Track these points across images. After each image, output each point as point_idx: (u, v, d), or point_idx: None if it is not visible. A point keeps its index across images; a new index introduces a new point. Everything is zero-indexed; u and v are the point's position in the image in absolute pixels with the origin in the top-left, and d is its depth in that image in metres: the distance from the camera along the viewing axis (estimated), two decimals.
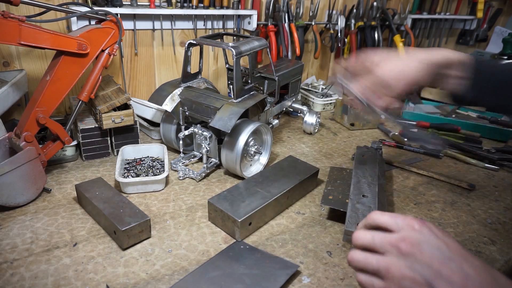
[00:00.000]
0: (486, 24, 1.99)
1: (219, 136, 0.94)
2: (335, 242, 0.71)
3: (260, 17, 1.33)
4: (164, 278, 0.61)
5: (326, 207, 0.81)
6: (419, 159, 1.07)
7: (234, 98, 0.89)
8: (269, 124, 1.07)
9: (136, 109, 1.09)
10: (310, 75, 1.61)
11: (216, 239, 0.70)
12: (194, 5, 1.18)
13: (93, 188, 0.76)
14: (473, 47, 2.07)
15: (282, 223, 0.76)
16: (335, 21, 1.47)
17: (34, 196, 0.78)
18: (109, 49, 0.86)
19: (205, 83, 1.02)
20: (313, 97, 1.38)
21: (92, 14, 0.86)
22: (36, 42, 0.73)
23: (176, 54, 1.26)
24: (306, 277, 0.62)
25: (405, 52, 0.67)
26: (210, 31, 1.27)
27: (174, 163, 0.93)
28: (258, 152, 0.92)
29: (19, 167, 0.74)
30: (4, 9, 0.83)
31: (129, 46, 1.17)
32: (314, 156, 1.05)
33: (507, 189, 0.93)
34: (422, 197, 0.88)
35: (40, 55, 1.06)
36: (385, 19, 1.58)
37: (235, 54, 0.86)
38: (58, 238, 0.68)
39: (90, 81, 0.86)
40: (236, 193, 0.76)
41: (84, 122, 0.94)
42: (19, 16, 0.70)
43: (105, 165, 0.94)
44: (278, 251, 0.68)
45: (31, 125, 0.78)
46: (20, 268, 0.61)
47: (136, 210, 0.70)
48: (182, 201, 0.82)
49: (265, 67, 1.11)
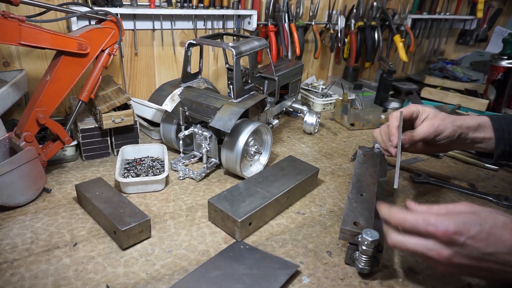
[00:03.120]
0: (486, 24, 1.99)
1: (219, 136, 0.94)
2: (335, 242, 0.71)
3: (260, 17, 1.33)
4: (164, 278, 0.61)
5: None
6: (419, 159, 1.07)
7: (234, 98, 0.89)
8: (269, 124, 1.07)
9: (136, 109, 1.09)
10: (310, 75, 1.61)
11: (216, 239, 0.70)
12: (194, 5, 1.18)
13: (93, 188, 0.76)
14: (473, 47, 2.07)
15: (282, 223, 0.76)
16: (335, 21, 1.47)
17: (34, 196, 0.78)
18: (109, 49, 0.86)
19: (205, 83, 1.02)
20: (313, 97, 1.38)
21: (92, 14, 0.86)
22: (36, 42, 0.73)
23: (176, 54, 1.26)
24: (306, 277, 0.62)
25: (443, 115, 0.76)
26: (210, 31, 1.27)
27: (174, 163, 0.93)
28: (258, 152, 0.92)
29: (19, 167, 0.74)
30: (4, 9, 0.83)
31: (129, 46, 1.17)
32: (314, 156, 1.05)
33: (507, 189, 0.93)
34: (422, 197, 0.88)
35: (40, 55, 1.06)
36: (385, 19, 1.58)
37: (235, 54, 0.86)
38: (58, 238, 0.68)
39: (90, 81, 0.86)
40: (236, 193, 0.76)
41: (84, 122, 0.94)
42: (19, 16, 0.70)
43: (105, 165, 0.94)
44: (278, 251, 0.68)
45: (31, 125, 0.78)
46: (20, 268, 0.61)
47: (136, 210, 0.70)
48: (182, 201, 0.82)
49: (265, 67, 1.11)
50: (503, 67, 1.32)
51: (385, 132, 0.76)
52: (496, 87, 1.36)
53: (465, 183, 0.93)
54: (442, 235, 0.49)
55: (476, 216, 0.50)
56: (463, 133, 0.76)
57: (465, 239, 0.48)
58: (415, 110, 0.76)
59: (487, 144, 0.78)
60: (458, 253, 0.50)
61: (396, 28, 1.61)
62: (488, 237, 0.48)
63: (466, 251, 0.49)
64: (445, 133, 0.74)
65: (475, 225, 0.48)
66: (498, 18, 2.06)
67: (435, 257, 0.51)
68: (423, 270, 0.65)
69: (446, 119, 0.75)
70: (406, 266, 0.66)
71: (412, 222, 0.52)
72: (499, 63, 1.33)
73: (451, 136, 0.74)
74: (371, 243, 0.58)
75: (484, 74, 1.63)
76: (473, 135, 0.77)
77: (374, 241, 0.58)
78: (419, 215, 0.52)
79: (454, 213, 0.51)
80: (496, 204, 0.86)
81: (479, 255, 0.49)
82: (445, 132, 0.74)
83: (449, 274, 0.64)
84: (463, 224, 0.48)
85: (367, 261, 0.61)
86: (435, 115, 0.75)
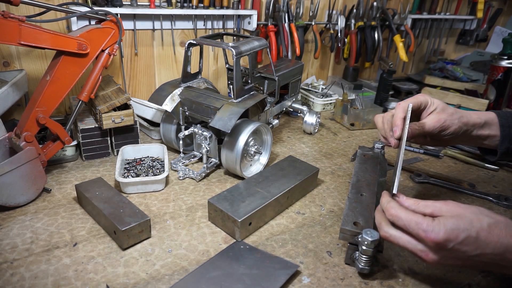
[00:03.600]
0: (486, 24, 1.99)
1: (219, 136, 0.94)
2: (335, 242, 0.71)
3: (260, 17, 1.33)
4: (164, 278, 0.61)
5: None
6: (419, 159, 1.07)
7: (234, 98, 0.89)
8: (269, 124, 1.07)
9: (136, 109, 1.09)
10: (310, 75, 1.61)
11: (216, 239, 0.70)
12: (194, 5, 1.18)
13: (93, 188, 0.76)
14: (473, 47, 2.07)
15: (282, 223, 0.76)
16: (335, 21, 1.47)
17: (34, 196, 0.78)
18: (109, 49, 0.86)
19: (205, 83, 1.02)
20: (313, 97, 1.38)
21: (92, 14, 0.86)
22: (36, 42, 0.73)
23: (176, 54, 1.26)
24: (306, 277, 0.62)
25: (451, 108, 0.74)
26: (210, 31, 1.27)
27: (174, 163, 0.93)
28: (258, 152, 0.92)
29: (19, 167, 0.74)
30: (4, 9, 0.83)
31: (129, 46, 1.17)
32: (314, 156, 1.05)
33: (507, 189, 0.93)
34: (423, 197, 0.88)
35: (40, 55, 1.06)
36: (385, 19, 1.58)
37: (235, 54, 0.86)
38: (58, 238, 0.68)
39: (90, 81, 0.86)
40: (236, 193, 0.76)
41: (84, 122, 0.94)
42: (19, 16, 0.70)
43: (105, 165, 0.94)
44: (278, 251, 0.68)
45: (31, 125, 0.78)
46: (20, 268, 0.61)
47: (136, 210, 0.70)
48: (182, 201, 0.82)
49: (265, 67, 1.11)
50: (503, 67, 1.32)
51: (388, 120, 0.73)
52: (496, 87, 1.36)
53: (465, 183, 0.93)
54: (432, 243, 0.51)
55: (463, 220, 0.50)
56: (468, 129, 0.74)
57: (454, 245, 0.50)
58: (423, 101, 0.73)
59: (492, 141, 0.76)
60: (446, 256, 0.52)
61: (396, 28, 1.61)
62: (475, 241, 0.50)
63: (453, 254, 0.51)
64: (450, 129, 0.72)
65: (463, 231, 0.50)
66: (498, 18, 2.06)
67: (423, 258, 0.53)
68: (423, 270, 0.65)
69: (454, 114, 0.73)
70: (406, 266, 0.66)
71: (405, 222, 0.53)
72: (499, 63, 1.33)
73: (456, 132, 0.73)
74: (371, 243, 0.58)
75: (484, 74, 1.63)
76: (478, 132, 0.75)
77: (374, 241, 0.58)
78: (412, 217, 0.53)
79: (443, 215, 0.52)
80: (496, 204, 0.86)
81: (465, 257, 0.51)
82: (450, 128, 0.72)
83: (450, 273, 0.64)
84: (452, 231, 0.50)
85: (367, 261, 0.61)
86: (443, 109, 0.73)
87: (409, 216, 0.53)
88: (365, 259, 0.61)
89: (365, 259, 0.61)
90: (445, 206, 0.53)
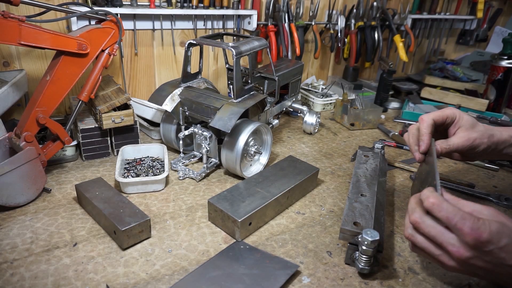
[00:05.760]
0: (486, 24, 1.99)
1: (219, 136, 0.94)
2: (335, 242, 0.71)
3: (260, 17, 1.33)
4: (164, 278, 0.61)
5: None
6: None
7: (234, 98, 0.89)
8: (269, 124, 1.07)
9: (136, 109, 1.09)
10: (310, 75, 1.61)
11: (216, 239, 0.70)
12: (194, 5, 1.18)
13: (93, 188, 0.76)
14: (473, 47, 2.08)
15: (282, 223, 0.76)
16: (335, 21, 1.47)
17: (34, 196, 0.78)
18: (109, 49, 0.86)
19: (205, 83, 1.02)
20: (313, 97, 1.38)
21: (92, 14, 0.86)
22: (36, 42, 0.73)
23: (176, 54, 1.26)
24: (306, 277, 0.62)
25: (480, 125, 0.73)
26: (210, 31, 1.27)
27: (174, 163, 0.93)
28: (258, 152, 0.92)
29: (19, 167, 0.74)
30: (4, 9, 0.83)
31: (129, 46, 1.17)
32: (314, 156, 1.05)
33: (507, 189, 0.93)
34: None
35: (40, 55, 1.06)
36: (385, 19, 1.58)
37: (235, 54, 0.86)
38: (58, 238, 0.68)
39: (90, 81, 0.86)
40: (236, 193, 0.76)
41: (84, 122, 0.94)
42: (19, 16, 0.70)
43: (105, 165, 0.94)
44: (278, 251, 0.68)
45: (31, 125, 0.78)
46: (20, 268, 0.61)
47: (136, 210, 0.70)
48: (182, 201, 0.82)
49: (265, 67, 1.11)
50: (503, 67, 1.33)
51: (413, 134, 0.73)
52: (496, 87, 1.36)
53: (465, 183, 0.93)
54: (473, 241, 0.49)
55: (507, 227, 0.49)
56: (498, 148, 0.73)
57: (494, 248, 0.49)
58: (450, 115, 0.72)
59: None
60: (479, 257, 0.50)
61: (396, 28, 1.61)
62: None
63: (488, 257, 0.50)
64: (479, 148, 0.71)
65: (506, 237, 0.49)
66: (498, 18, 2.06)
67: (453, 253, 0.51)
68: (423, 270, 0.65)
69: (484, 133, 0.71)
70: (406, 266, 0.66)
71: (449, 213, 0.50)
72: (499, 63, 1.33)
73: (485, 150, 0.72)
74: (371, 243, 0.58)
75: (484, 74, 1.63)
76: (508, 150, 0.74)
77: (374, 241, 0.58)
78: (458, 211, 0.50)
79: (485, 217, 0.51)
80: (496, 204, 0.86)
81: (499, 264, 0.50)
82: (480, 147, 0.71)
83: (450, 273, 0.64)
84: (497, 234, 0.48)
85: (367, 261, 0.61)
86: (472, 126, 0.71)
87: (454, 209, 0.51)
88: (365, 259, 0.61)
89: (365, 259, 0.61)
90: (486, 210, 0.52)
